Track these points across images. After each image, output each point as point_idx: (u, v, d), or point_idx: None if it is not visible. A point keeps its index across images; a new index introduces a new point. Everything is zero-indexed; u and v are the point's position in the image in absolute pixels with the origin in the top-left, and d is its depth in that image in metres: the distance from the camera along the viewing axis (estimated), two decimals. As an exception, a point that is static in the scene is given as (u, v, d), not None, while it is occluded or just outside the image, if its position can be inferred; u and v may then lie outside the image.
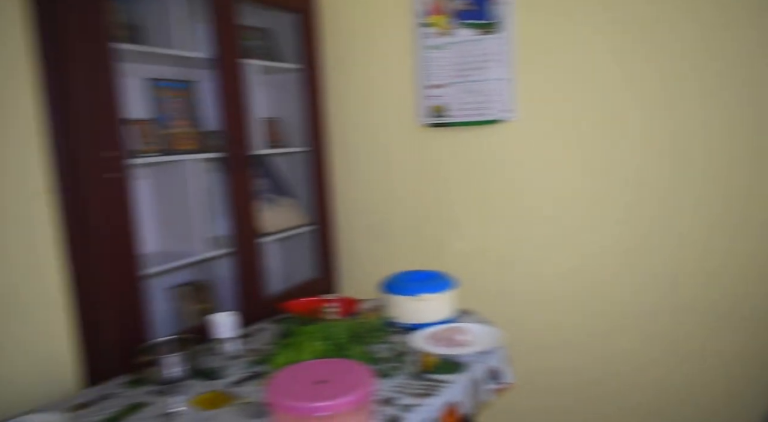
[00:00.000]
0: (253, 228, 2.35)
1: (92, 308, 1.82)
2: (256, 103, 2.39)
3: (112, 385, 1.75)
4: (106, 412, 1.57)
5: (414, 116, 2.61)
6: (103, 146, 1.77)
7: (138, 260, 1.89)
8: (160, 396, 1.65)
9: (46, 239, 1.74)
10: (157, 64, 2.28)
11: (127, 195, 1.84)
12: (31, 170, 1.71)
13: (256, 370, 1.78)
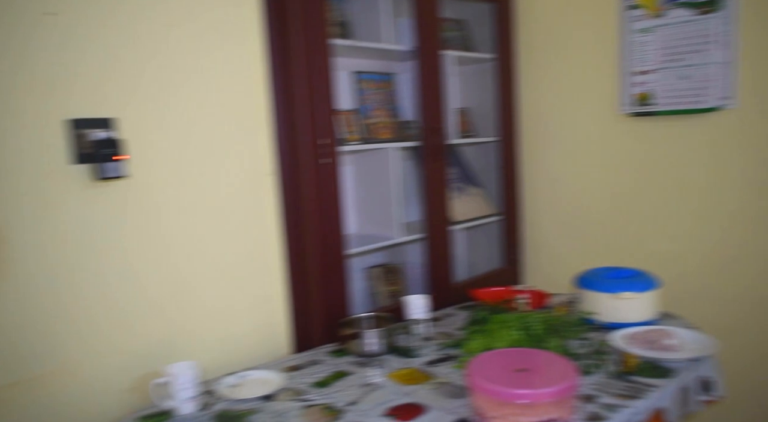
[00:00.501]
0: (444, 216, 2.40)
1: (302, 281, 2.00)
2: (450, 93, 2.43)
3: (318, 352, 1.92)
4: (315, 376, 1.72)
5: (614, 105, 2.47)
6: (319, 134, 1.93)
7: (343, 240, 2.04)
8: (360, 366, 1.78)
9: (269, 216, 1.96)
10: (361, 58, 2.43)
11: (336, 179, 1.99)
12: (260, 154, 1.92)
13: (448, 352, 1.83)
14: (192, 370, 1.54)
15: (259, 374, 1.76)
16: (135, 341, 1.67)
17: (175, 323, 1.75)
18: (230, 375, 1.75)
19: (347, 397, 1.57)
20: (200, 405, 1.56)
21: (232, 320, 1.89)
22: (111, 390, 1.62)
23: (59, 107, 1.51)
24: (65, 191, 1.53)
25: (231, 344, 1.88)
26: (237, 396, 1.61)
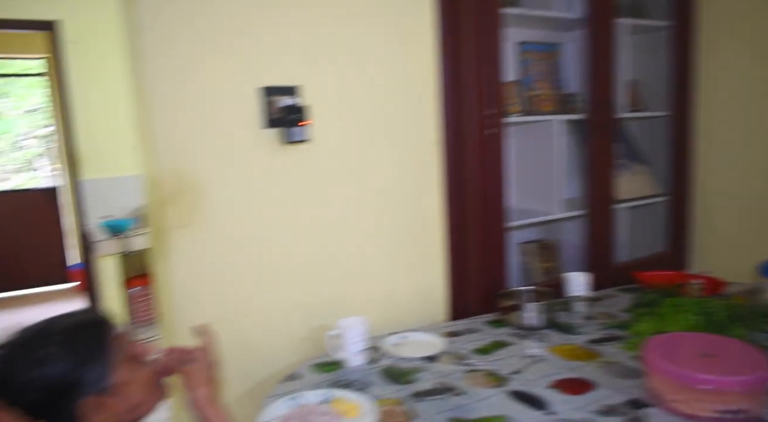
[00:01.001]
0: (608, 193, 2.30)
1: (462, 250, 2.03)
2: (619, 64, 2.30)
3: (476, 321, 1.95)
4: (473, 343, 1.75)
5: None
6: (486, 104, 1.93)
7: (504, 212, 2.03)
8: (520, 338, 1.77)
9: (433, 185, 2.00)
10: (526, 28, 2.37)
11: (501, 151, 1.98)
12: (427, 123, 1.96)
13: (612, 333, 1.77)
14: (362, 325, 1.63)
15: (419, 336, 1.82)
16: (310, 294, 1.80)
17: (345, 281, 1.86)
18: (392, 334, 1.83)
19: (510, 366, 1.58)
20: (368, 358, 1.66)
21: (394, 282, 1.96)
22: (289, 338, 1.77)
23: (253, 76, 1.64)
24: (257, 152, 1.67)
25: (392, 305, 1.96)
26: (401, 354, 1.68)
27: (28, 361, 0.88)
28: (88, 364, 0.91)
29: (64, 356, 0.90)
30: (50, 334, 0.92)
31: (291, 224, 1.75)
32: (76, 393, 0.90)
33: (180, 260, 1.59)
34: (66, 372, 0.89)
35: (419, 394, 1.44)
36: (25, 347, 0.90)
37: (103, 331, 0.96)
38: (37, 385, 0.87)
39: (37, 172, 6.35)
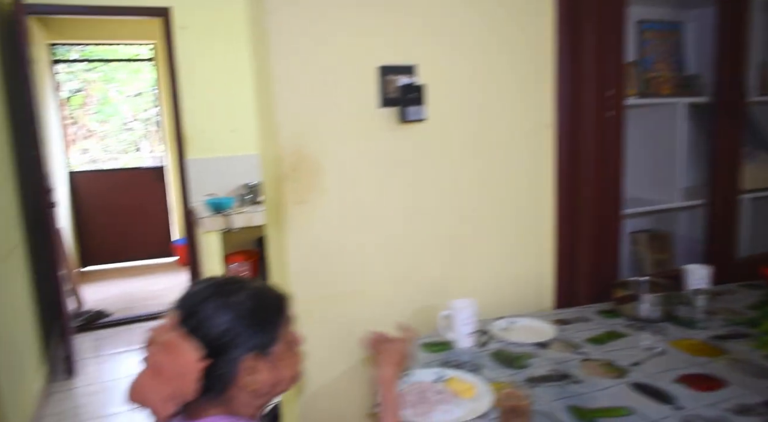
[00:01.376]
0: (734, 182, 2.15)
1: (572, 237, 1.96)
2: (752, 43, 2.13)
3: (586, 310, 1.88)
4: (586, 332, 1.69)
5: None
6: (606, 85, 1.84)
7: (619, 199, 1.94)
8: (635, 330, 1.70)
9: (545, 168, 1.94)
10: (646, 5, 2.24)
11: (620, 134, 1.89)
12: (541, 104, 1.90)
13: (737, 330, 1.66)
14: (472, 307, 1.61)
15: (527, 321, 1.79)
16: (420, 274, 1.80)
17: (453, 262, 1.85)
18: (499, 319, 1.80)
19: (628, 358, 1.51)
20: (476, 341, 1.64)
21: (502, 267, 1.93)
22: (397, 316, 1.78)
23: (372, 55, 1.65)
24: (374, 131, 1.68)
25: (499, 290, 1.93)
26: (511, 338, 1.66)
27: (218, 301, 0.95)
28: (263, 327, 0.98)
29: (248, 310, 0.97)
30: (244, 288, 1.00)
31: (403, 203, 1.75)
32: (243, 348, 0.95)
33: (295, 235, 1.63)
34: (244, 324, 0.95)
35: (534, 380, 1.41)
36: (221, 288, 0.98)
37: (283, 306, 1.05)
38: (217, 325, 0.93)
39: (142, 153, 6.75)
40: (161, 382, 0.88)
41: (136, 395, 0.90)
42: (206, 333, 0.93)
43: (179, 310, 0.96)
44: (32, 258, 3.20)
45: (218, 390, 0.95)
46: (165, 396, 0.88)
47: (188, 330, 0.93)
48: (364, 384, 1.74)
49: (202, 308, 0.95)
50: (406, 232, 1.77)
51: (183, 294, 0.99)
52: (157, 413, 0.89)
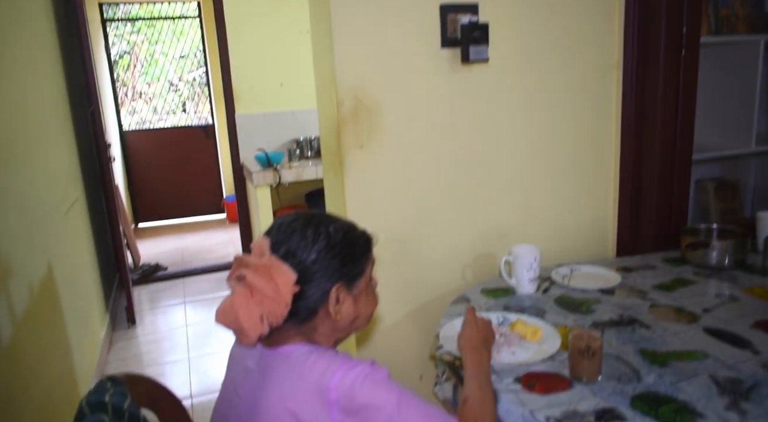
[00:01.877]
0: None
1: (637, 183, 1.89)
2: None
3: (651, 258, 1.83)
4: (652, 280, 1.64)
5: None
6: (678, 23, 1.73)
7: (690, 144, 1.85)
8: (705, 277, 1.64)
9: (610, 111, 1.86)
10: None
11: (693, 76, 1.79)
12: (607, 43, 1.81)
13: (816, 278, 1.59)
14: (535, 253, 1.58)
15: (589, 269, 1.75)
16: (479, 220, 1.78)
17: (513, 208, 1.81)
18: (560, 266, 1.76)
19: (699, 304, 1.46)
20: (538, 287, 1.61)
21: (563, 213, 1.88)
22: (457, 262, 1.77)
23: (432, -9, 1.59)
24: (435, 72, 1.63)
25: (560, 237, 1.89)
26: (575, 285, 1.62)
27: (309, 231, 0.95)
28: (352, 259, 0.98)
29: (338, 242, 0.97)
30: (334, 221, 1.00)
31: (464, 147, 1.71)
32: (332, 278, 0.96)
33: (354, 180, 1.61)
34: (334, 254, 0.95)
35: (601, 324, 1.38)
36: (311, 219, 0.98)
37: (369, 243, 1.05)
38: (308, 253, 0.93)
39: (189, 114, 6.83)
40: (254, 303, 0.89)
41: (226, 316, 0.90)
42: (298, 260, 0.93)
43: (270, 238, 0.96)
44: (92, 212, 3.31)
45: (303, 318, 0.96)
46: (257, 317, 0.89)
47: (280, 256, 0.93)
48: (424, 328, 1.74)
49: (293, 237, 0.95)
50: (468, 177, 1.73)
51: (273, 224, 0.99)
52: (246, 334, 0.89)
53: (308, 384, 0.89)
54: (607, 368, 1.17)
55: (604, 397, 1.07)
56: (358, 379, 0.88)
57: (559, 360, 1.22)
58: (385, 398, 0.88)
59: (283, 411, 0.89)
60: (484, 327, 1.20)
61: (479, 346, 1.15)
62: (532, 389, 1.11)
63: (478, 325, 1.21)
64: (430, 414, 0.90)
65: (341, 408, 0.87)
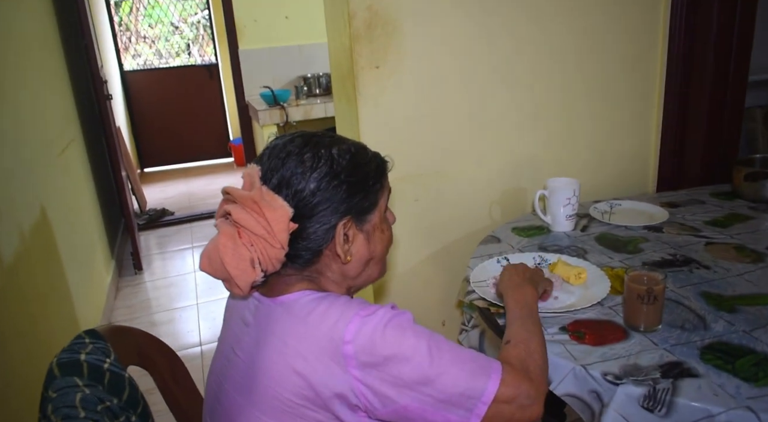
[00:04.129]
0: None
1: (682, 111, 1.68)
2: None
3: (699, 192, 1.65)
4: (702, 215, 1.47)
5: None
6: None
7: (743, 66, 1.64)
8: (761, 212, 1.46)
9: (656, 31, 1.64)
10: None
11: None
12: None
13: None
14: (573, 187, 1.40)
15: (630, 204, 1.57)
16: (510, 153, 1.59)
17: (547, 140, 1.62)
18: (598, 202, 1.59)
19: (761, 241, 1.29)
20: (576, 225, 1.45)
21: (601, 145, 1.69)
22: (486, 198, 1.60)
23: None
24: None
25: (598, 170, 1.70)
26: (618, 222, 1.45)
27: (308, 154, 0.78)
28: (361, 188, 0.81)
29: (344, 167, 0.79)
30: (338, 142, 0.82)
31: (493, 71, 1.51)
32: (337, 211, 0.79)
33: (368, 106, 1.43)
34: (339, 182, 0.78)
35: (652, 264, 1.22)
36: (310, 140, 0.80)
37: (382, 168, 0.87)
38: (307, 181, 0.76)
39: (195, 56, 6.55)
40: (243, 245, 0.73)
41: (211, 262, 0.75)
42: (294, 191, 0.76)
43: (260, 165, 0.79)
44: (92, 155, 3.14)
45: (305, 262, 0.80)
46: (246, 262, 0.73)
47: (272, 187, 0.76)
48: (447, 271, 1.59)
49: (288, 163, 0.77)
50: (496, 105, 1.54)
51: (265, 148, 0.81)
52: (236, 283, 0.74)
53: (318, 338, 0.73)
54: (667, 314, 1.01)
55: (667, 349, 0.92)
56: (379, 326, 0.73)
57: (609, 305, 1.06)
58: (414, 345, 0.73)
59: (288, 370, 0.73)
60: (525, 267, 1.05)
61: (522, 282, 1.00)
62: (582, 340, 0.96)
63: (517, 266, 1.05)
64: (467, 361, 0.75)
65: (361, 363, 0.72)
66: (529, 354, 0.83)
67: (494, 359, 0.79)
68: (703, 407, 0.79)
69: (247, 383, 0.77)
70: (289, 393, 0.74)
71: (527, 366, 0.81)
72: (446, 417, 0.74)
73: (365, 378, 0.72)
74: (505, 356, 0.83)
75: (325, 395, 0.73)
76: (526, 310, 0.93)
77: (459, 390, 0.73)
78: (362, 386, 0.72)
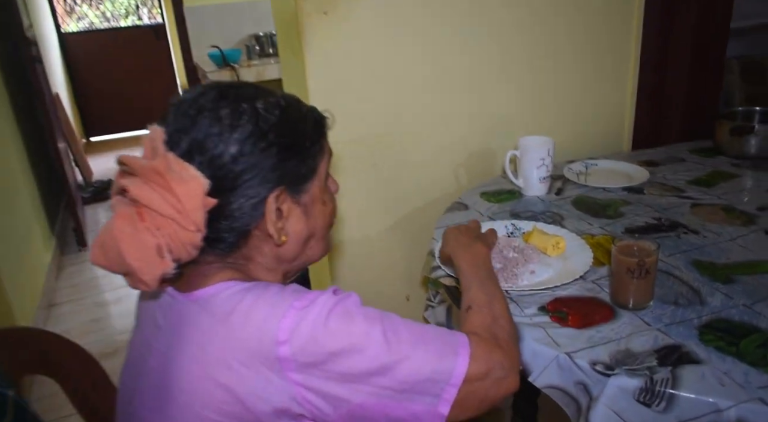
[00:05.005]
0: None
1: (660, 62, 1.56)
2: None
3: (678, 149, 1.54)
4: (684, 174, 1.35)
5: None
6: None
7: (728, 10, 1.51)
8: (749, 169, 1.36)
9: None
10: None
11: None
12: None
13: None
14: (547, 146, 1.27)
15: (607, 164, 1.45)
16: (476, 109, 1.44)
17: (517, 97, 1.47)
18: (572, 162, 1.46)
19: (750, 202, 1.18)
20: (550, 188, 1.32)
21: (573, 100, 1.55)
22: (449, 161, 1.45)
23: None
24: None
25: (569, 128, 1.56)
26: (595, 183, 1.33)
27: (226, 110, 0.62)
28: (295, 151, 0.66)
29: (273, 125, 0.63)
30: (264, 95, 0.66)
31: (459, 19, 1.34)
32: (266, 180, 0.63)
33: (316, 58, 1.25)
34: (266, 144, 0.62)
35: (635, 230, 1.10)
36: (228, 92, 0.64)
37: (322, 127, 0.71)
38: (224, 145, 0.60)
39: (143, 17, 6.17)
40: (146, 229, 0.57)
41: (105, 252, 0.58)
42: (210, 158, 0.60)
43: (165, 126, 0.62)
44: (23, 125, 2.87)
45: (229, 246, 0.65)
46: (151, 249, 0.57)
47: (181, 154, 0.60)
48: (410, 241, 1.45)
49: (200, 122, 0.61)
50: (462, 57, 1.37)
51: (171, 104, 0.64)
52: (141, 277, 0.58)
53: (244, 340, 0.59)
54: (658, 288, 0.89)
55: (662, 329, 0.80)
56: (320, 319, 0.59)
57: (593, 279, 0.94)
58: (365, 332, 0.60)
59: (208, 383, 0.59)
60: (468, 226, 0.96)
61: (470, 242, 0.89)
62: (565, 321, 0.83)
63: (459, 226, 0.95)
64: (430, 340, 0.62)
65: (301, 364, 0.58)
66: (495, 319, 0.72)
67: (458, 332, 0.66)
68: (709, 400, 0.67)
69: (160, 399, 0.62)
70: (211, 411, 0.59)
71: (495, 333, 0.70)
72: (410, 408, 0.61)
73: (308, 380, 0.59)
74: (469, 325, 0.71)
75: (259, 410, 0.59)
76: (483, 271, 0.82)
77: (423, 375, 0.61)
78: (305, 390, 0.59)
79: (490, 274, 0.83)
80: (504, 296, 0.78)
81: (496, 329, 0.70)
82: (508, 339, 0.70)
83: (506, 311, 0.75)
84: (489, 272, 0.83)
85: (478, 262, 0.84)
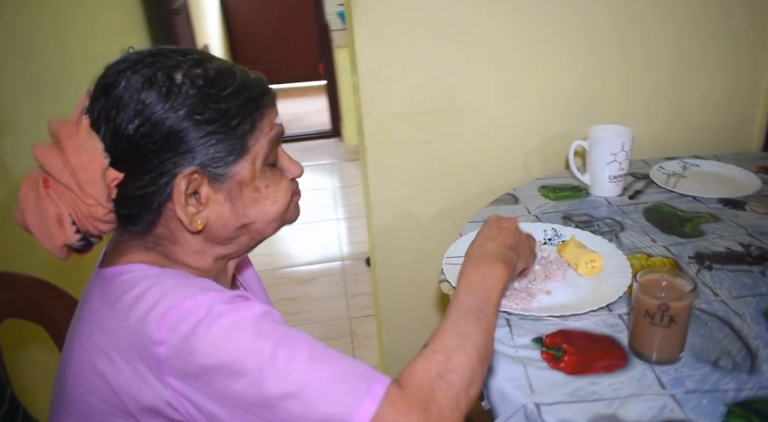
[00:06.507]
0: None
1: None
2: None
3: (820, 155, 1.22)
4: (814, 189, 1.06)
5: None
6: None
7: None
8: None
9: None
10: None
11: None
12: None
13: None
14: (623, 138, 1.05)
15: (713, 166, 1.18)
16: (543, 88, 1.23)
17: (599, 72, 1.24)
18: (670, 159, 1.22)
19: None
20: (625, 189, 1.10)
21: (680, 82, 1.27)
22: (510, 147, 1.27)
23: None
24: None
25: (675, 116, 1.30)
26: (684, 189, 1.09)
27: (147, 73, 0.55)
28: (222, 121, 0.57)
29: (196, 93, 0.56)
30: (204, 61, 0.59)
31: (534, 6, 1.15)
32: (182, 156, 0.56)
33: (367, 20, 1.13)
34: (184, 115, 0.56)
35: (709, 257, 0.87)
36: (159, 58, 0.57)
37: (261, 95, 0.62)
38: (136, 112, 0.54)
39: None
40: (49, 197, 0.55)
41: (21, 215, 0.57)
42: (115, 127, 0.55)
43: (92, 89, 0.58)
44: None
45: (145, 225, 0.59)
46: (51, 218, 0.55)
47: (95, 119, 0.55)
48: (451, 232, 1.31)
49: (113, 88, 0.55)
50: (522, 24, 1.18)
51: (105, 66, 0.59)
52: (42, 243, 0.56)
53: (124, 332, 0.53)
54: (700, 338, 0.69)
55: (677, 397, 0.61)
56: (202, 325, 0.51)
57: (620, 313, 0.76)
58: (249, 354, 0.51)
59: (91, 370, 0.55)
60: (513, 227, 0.73)
61: (495, 257, 0.67)
62: (558, 362, 0.67)
63: (503, 226, 0.73)
64: (334, 376, 0.51)
65: (179, 372, 0.51)
66: (445, 372, 0.54)
67: (383, 376, 0.53)
68: None
69: (59, 384, 0.61)
70: (94, 398, 0.56)
71: (433, 390, 0.53)
72: None
73: (186, 390, 0.52)
74: (409, 369, 0.55)
75: (131, 407, 0.54)
76: (475, 301, 0.62)
77: (314, 416, 0.50)
78: (183, 399, 0.52)
79: (484, 306, 0.62)
80: (482, 344, 0.59)
81: (439, 385, 0.54)
82: (449, 405, 0.53)
83: (468, 368, 0.56)
84: (483, 303, 0.62)
85: (480, 286, 0.64)
